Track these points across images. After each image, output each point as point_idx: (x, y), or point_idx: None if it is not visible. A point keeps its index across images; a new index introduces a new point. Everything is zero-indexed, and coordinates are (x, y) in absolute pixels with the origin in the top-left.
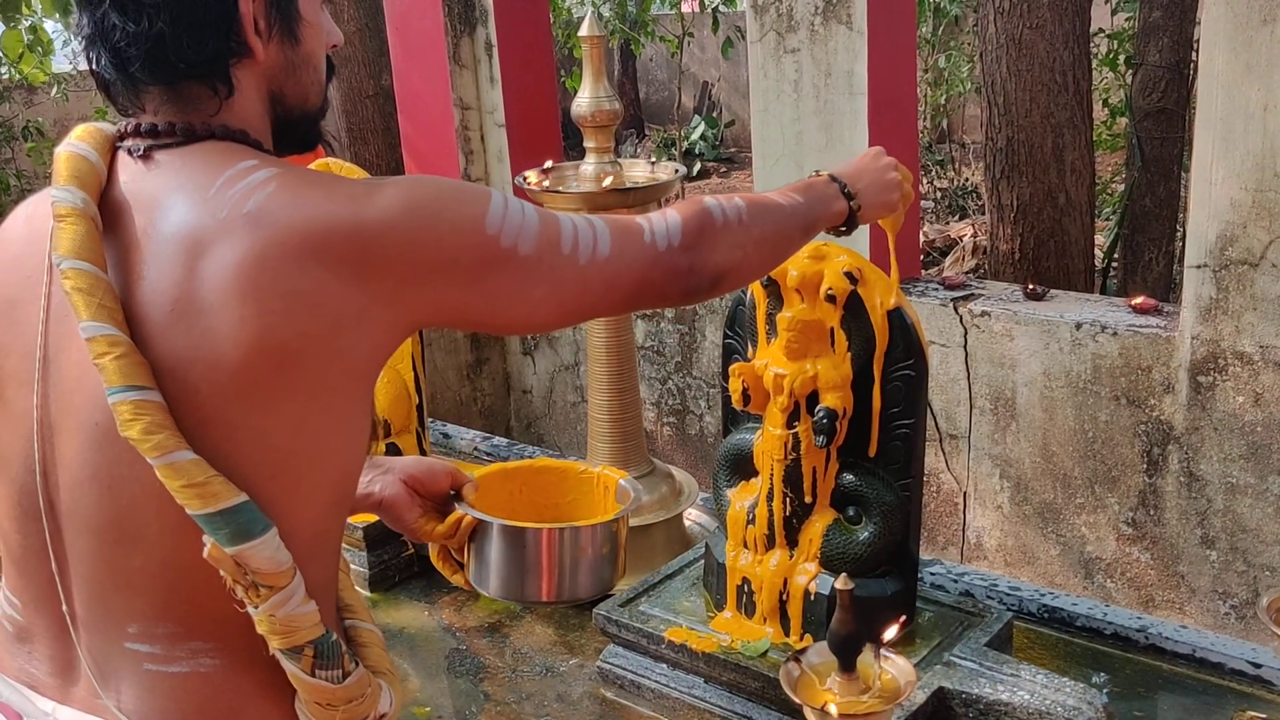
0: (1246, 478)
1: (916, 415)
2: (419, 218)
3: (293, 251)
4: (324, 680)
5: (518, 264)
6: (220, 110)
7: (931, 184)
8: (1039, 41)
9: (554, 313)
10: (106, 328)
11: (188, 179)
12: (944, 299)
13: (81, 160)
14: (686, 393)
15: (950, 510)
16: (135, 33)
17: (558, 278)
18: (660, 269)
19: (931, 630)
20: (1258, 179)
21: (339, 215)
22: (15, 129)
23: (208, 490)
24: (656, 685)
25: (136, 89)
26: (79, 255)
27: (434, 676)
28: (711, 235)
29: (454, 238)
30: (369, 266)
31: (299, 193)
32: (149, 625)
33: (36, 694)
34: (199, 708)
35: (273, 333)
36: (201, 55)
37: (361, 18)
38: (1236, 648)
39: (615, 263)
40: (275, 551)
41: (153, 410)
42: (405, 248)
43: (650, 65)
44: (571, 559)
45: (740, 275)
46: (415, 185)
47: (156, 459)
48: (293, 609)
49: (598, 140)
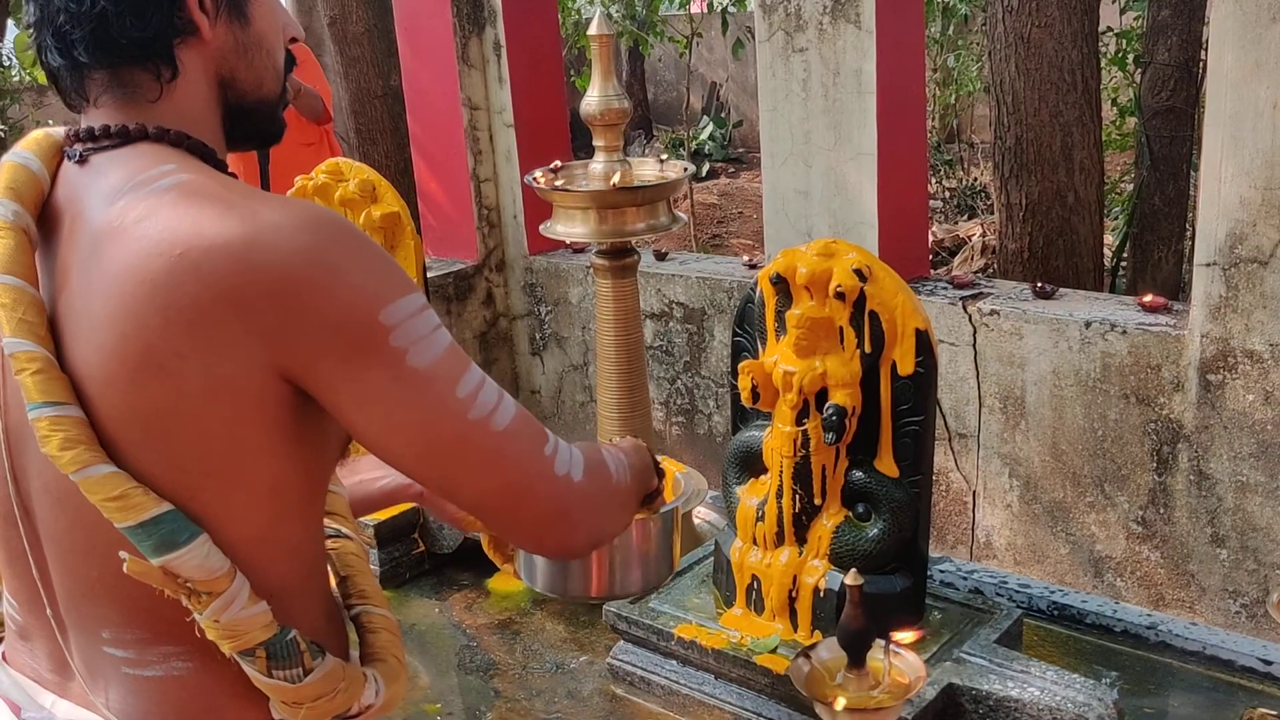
0: (1257, 476)
1: (926, 413)
2: (317, 266)
3: (170, 264)
4: (281, 680)
5: (401, 370)
6: (163, 97)
7: (940, 183)
8: (1047, 40)
9: (414, 448)
10: (25, 343)
11: (106, 183)
12: (953, 298)
13: (20, 169)
14: (695, 392)
15: (959, 509)
16: (78, 12)
17: (437, 414)
18: (548, 488)
19: (941, 627)
20: (1267, 177)
21: (228, 235)
22: (25, 130)
23: (128, 502)
24: (666, 682)
25: (81, 76)
26: (5, 269)
27: (444, 673)
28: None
29: (344, 304)
30: (249, 297)
31: (195, 204)
32: (118, 632)
33: (39, 688)
34: (177, 709)
35: (152, 349)
36: (144, 33)
37: (370, 18)
38: (1247, 645)
39: (504, 443)
40: (205, 559)
41: (69, 425)
42: (292, 290)
43: (658, 66)
44: (623, 554)
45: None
46: (332, 231)
47: (74, 474)
48: (236, 613)
49: (607, 139)
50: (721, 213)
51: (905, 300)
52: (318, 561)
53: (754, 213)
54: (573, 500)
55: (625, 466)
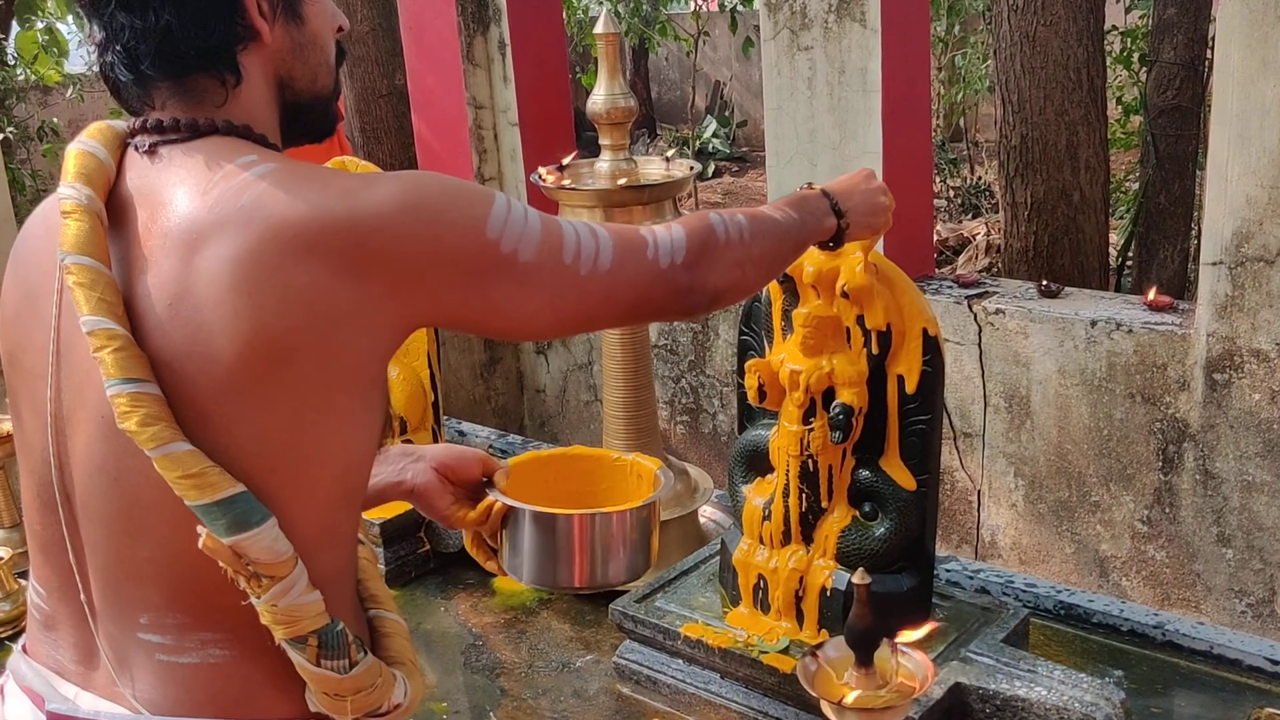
0: (1263, 475)
1: (933, 411)
2: (417, 215)
3: (286, 246)
4: (329, 670)
5: (518, 271)
6: (228, 101)
7: (945, 182)
8: (1053, 39)
9: (550, 322)
10: (105, 321)
11: (188, 174)
12: (958, 297)
13: (89, 157)
14: (700, 391)
15: (965, 508)
16: (143, 28)
17: (557, 287)
18: (661, 286)
19: (948, 626)
20: (1274, 176)
21: (333, 209)
22: (31, 129)
23: (204, 480)
24: (673, 681)
25: (147, 87)
26: (82, 250)
27: (450, 672)
28: (714, 254)
29: (453, 238)
30: (363, 262)
31: (294, 187)
32: (159, 616)
33: (61, 679)
34: (210, 698)
35: (266, 328)
36: (208, 42)
37: (375, 17)
38: (1254, 644)
39: (616, 276)
40: (274, 542)
41: (149, 402)
42: (402, 244)
43: (663, 65)
44: (603, 545)
45: (737, 293)
46: (416, 182)
47: (153, 450)
48: (295, 599)
49: (613, 137)
50: None
51: (912, 299)
52: (355, 557)
53: None
54: (681, 279)
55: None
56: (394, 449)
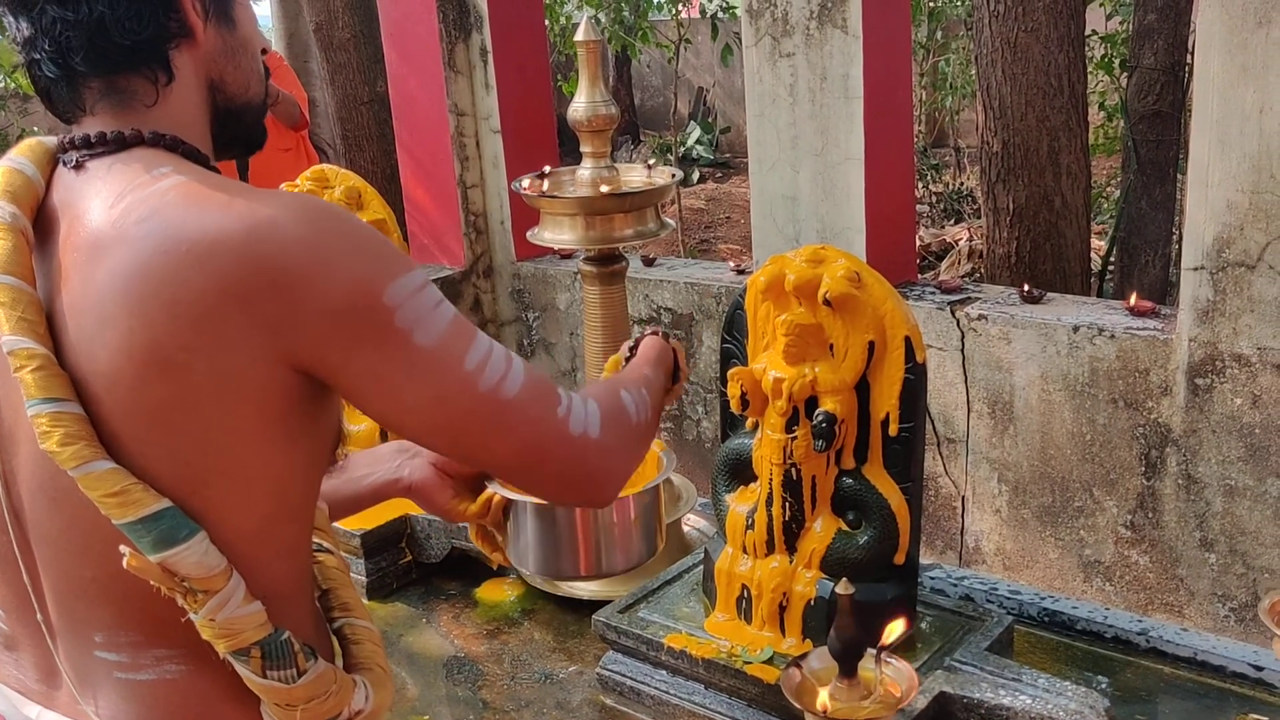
0: (1245, 480)
1: (915, 419)
2: (316, 254)
3: (177, 261)
4: (276, 680)
5: (409, 351)
6: (158, 103)
7: (927, 188)
8: (1034, 45)
9: (427, 423)
10: (24, 340)
11: (104, 186)
12: (940, 303)
13: (16, 174)
14: (683, 398)
15: (949, 514)
16: (75, 20)
17: (447, 388)
18: (564, 449)
19: (932, 635)
20: (1254, 181)
21: (229, 230)
22: (10, 137)
23: (128, 498)
24: (656, 692)
25: (77, 86)
26: (4, 269)
27: (432, 684)
28: (623, 435)
29: (345, 289)
30: (252, 290)
31: (196, 201)
32: (112, 634)
33: (24, 699)
34: (171, 713)
35: (159, 345)
36: (142, 34)
37: (356, 24)
38: (1238, 650)
39: (516, 410)
40: (203, 556)
41: (69, 421)
42: (292, 280)
43: (645, 72)
44: (605, 532)
45: (624, 482)
46: (329, 220)
47: (74, 469)
48: (232, 611)
49: (594, 145)
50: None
51: (894, 307)
52: (308, 566)
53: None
54: (591, 456)
55: (643, 397)
56: (389, 446)
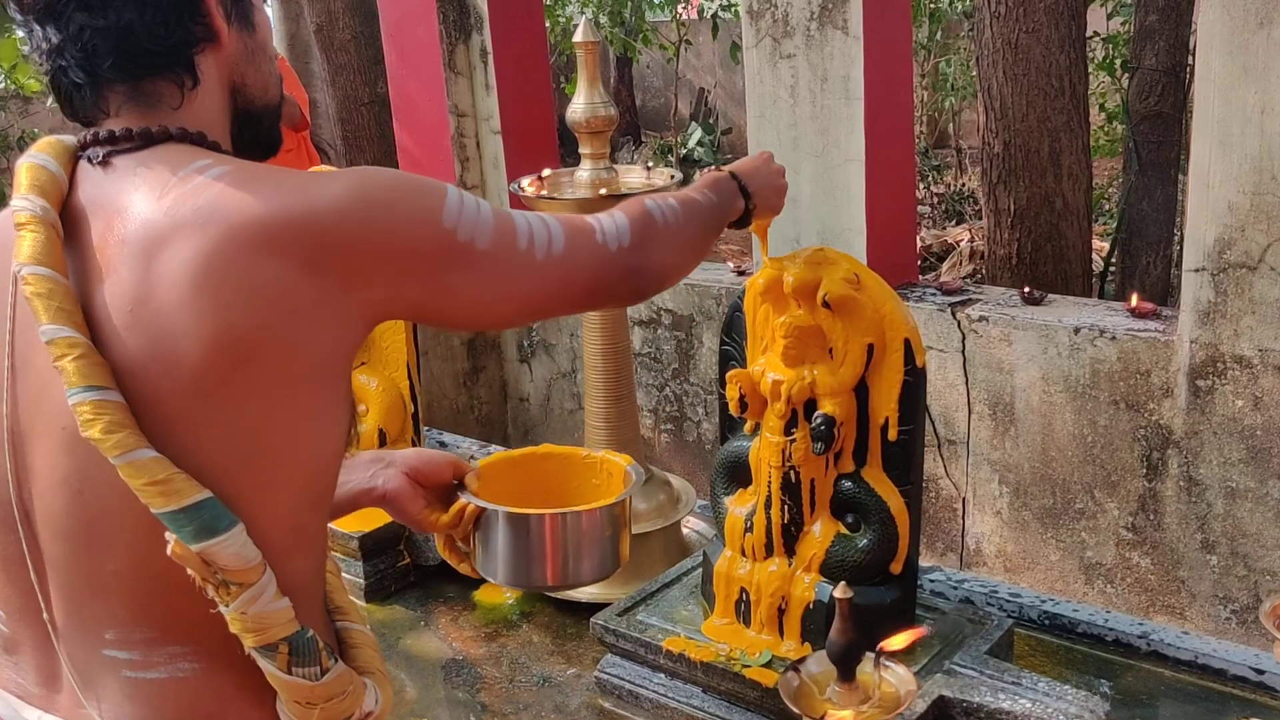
0: (1246, 482)
1: (915, 421)
2: (373, 208)
3: (246, 244)
4: (301, 677)
5: (475, 258)
6: (183, 106)
7: (928, 189)
8: (1035, 46)
9: (510, 309)
10: (65, 330)
11: (143, 181)
12: (941, 304)
13: (41, 170)
14: (684, 399)
15: (949, 516)
16: (104, 27)
17: (515, 274)
18: (612, 268)
19: (932, 638)
20: (1255, 182)
21: (290, 206)
22: (11, 139)
23: (170, 487)
24: (654, 695)
25: (102, 92)
26: (38, 261)
27: (430, 687)
28: (654, 237)
29: (409, 229)
30: (323, 257)
31: (250, 186)
32: (125, 631)
33: (24, 704)
34: (179, 713)
35: (230, 328)
36: (169, 40)
37: (357, 25)
38: (1239, 654)
39: (570, 261)
40: (241, 548)
41: (112, 410)
42: (359, 238)
43: (646, 72)
44: (574, 543)
45: (679, 274)
46: (369, 176)
47: (117, 457)
48: (264, 606)
49: (593, 146)
50: None
51: (893, 309)
52: (324, 563)
53: None
54: (633, 260)
55: (670, 204)
56: (364, 455)
